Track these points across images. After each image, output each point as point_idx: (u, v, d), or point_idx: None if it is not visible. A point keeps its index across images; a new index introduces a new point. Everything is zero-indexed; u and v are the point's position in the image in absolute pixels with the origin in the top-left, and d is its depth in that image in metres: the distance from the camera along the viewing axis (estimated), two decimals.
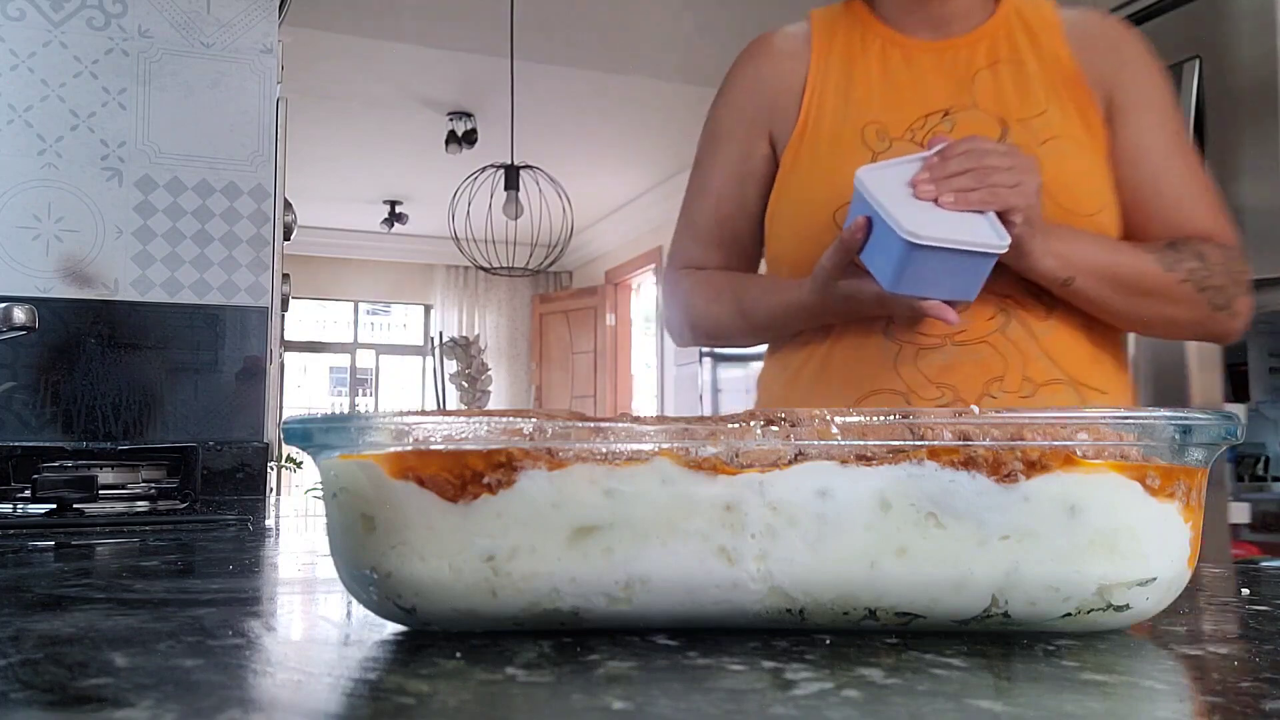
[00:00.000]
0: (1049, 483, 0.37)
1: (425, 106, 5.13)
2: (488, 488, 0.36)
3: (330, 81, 4.66)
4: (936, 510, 0.37)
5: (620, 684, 0.31)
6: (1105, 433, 0.37)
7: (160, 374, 1.37)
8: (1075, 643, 0.37)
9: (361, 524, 0.38)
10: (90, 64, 1.39)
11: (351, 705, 0.29)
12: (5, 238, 1.34)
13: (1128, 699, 0.30)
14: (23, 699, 0.28)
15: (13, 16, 1.36)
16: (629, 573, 0.37)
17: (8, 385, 1.31)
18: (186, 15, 1.43)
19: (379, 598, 0.38)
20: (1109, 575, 0.37)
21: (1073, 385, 0.94)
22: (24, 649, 0.35)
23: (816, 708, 0.28)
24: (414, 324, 8.56)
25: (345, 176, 6.32)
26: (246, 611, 0.44)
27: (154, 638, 0.37)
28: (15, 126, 1.36)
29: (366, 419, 0.38)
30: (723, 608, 0.37)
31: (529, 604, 0.37)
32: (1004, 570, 0.37)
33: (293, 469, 5.87)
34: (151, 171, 1.40)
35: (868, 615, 0.38)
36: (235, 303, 1.42)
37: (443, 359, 5.62)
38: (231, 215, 1.43)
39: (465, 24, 4.07)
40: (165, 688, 0.29)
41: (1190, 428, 0.38)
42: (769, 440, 0.37)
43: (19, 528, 0.88)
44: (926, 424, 0.37)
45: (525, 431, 0.36)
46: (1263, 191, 2.05)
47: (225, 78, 1.44)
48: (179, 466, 1.27)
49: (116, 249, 1.38)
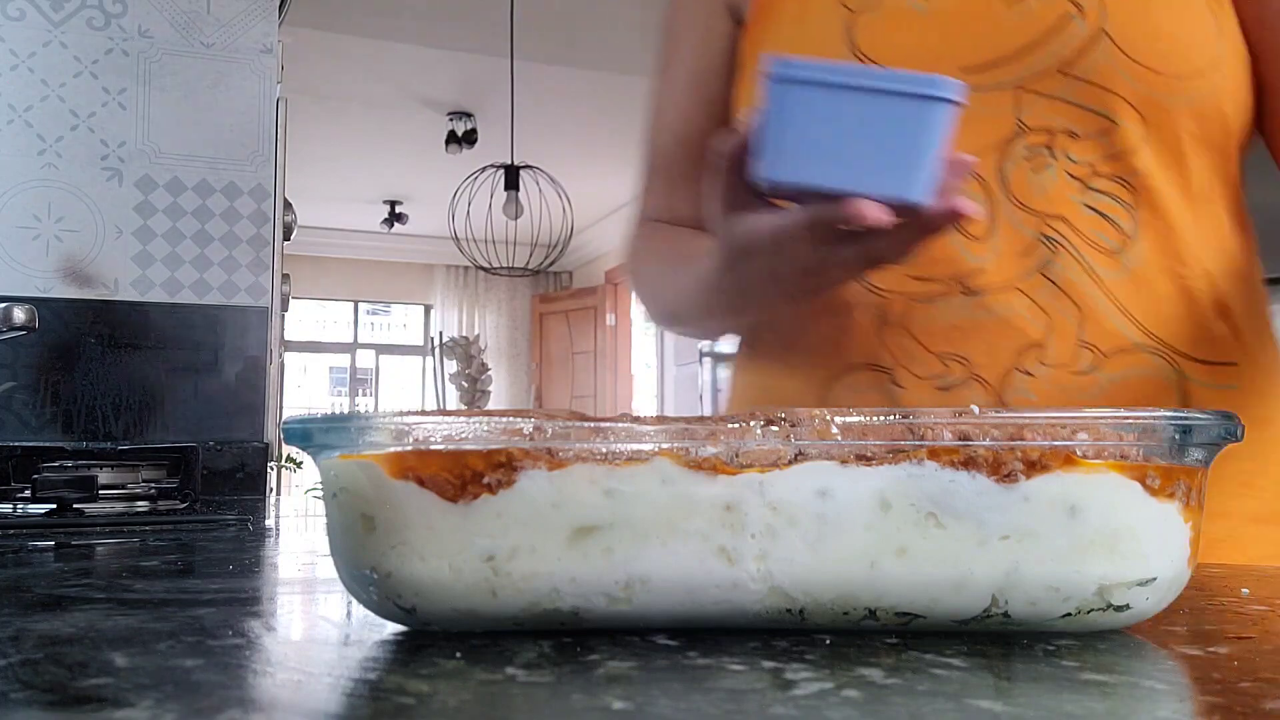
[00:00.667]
0: (1049, 483, 0.37)
1: (425, 106, 5.13)
2: (488, 488, 0.36)
3: (330, 81, 4.67)
4: (936, 510, 0.37)
5: (620, 684, 0.31)
6: (1105, 433, 0.37)
7: (160, 374, 1.37)
8: (1075, 643, 0.37)
9: (361, 524, 0.38)
10: (90, 64, 1.39)
11: (351, 705, 0.29)
12: (5, 238, 1.34)
13: (1128, 699, 0.30)
14: (23, 699, 0.28)
15: (13, 16, 1.36)
16: (629, 573, 0.37)
17: (8, 385, 1.31)
18: (186, 15, 1.43)
19: (379, 598, 0.38)
20: (1109, 575, 0.37)
21: (1166, 355, 0.66)
22: (24, 649, 0.35)
23: (816, 708, 0.28)
24: (414, 324, 8.56)
25: (345, 176, 6.32)
26: (246, 611, 0.44)
27: (154, 638, 0.37)
28: (15, 126, 1.36)
29: (366, 419, 0.38)
30: (723, 608, 0.37)
31: (529, 604, 0.37)
32: (1004, 570, 0.37)
33: (293, 469, 5.87)
34: (151, 171, 1.40)
35: (868, 615, 0.38)
36: (235, 303, 1.42)
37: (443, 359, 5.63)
38: (231, 215, 1.43)
39: (465, 24, 4.08)
40: (165, 688, 0.29)
41: (1190, 428, 0.38)
42: (769, 440, 0.37)
43: (19, 528, 0.88)
44: (926, 424, 0.37)
45: (525, 431, 0.37)
46: (1263, 191, 2.05)
47: (225, 78, 1.44)
48: (179, 466, 1.27)
49: (116, 249, 1.38)
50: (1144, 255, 0.65)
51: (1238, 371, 0.67)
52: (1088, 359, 0.65)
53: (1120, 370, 0.65)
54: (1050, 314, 0.65)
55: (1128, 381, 0.65)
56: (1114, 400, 0.65)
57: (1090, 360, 0.65)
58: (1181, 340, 0.66)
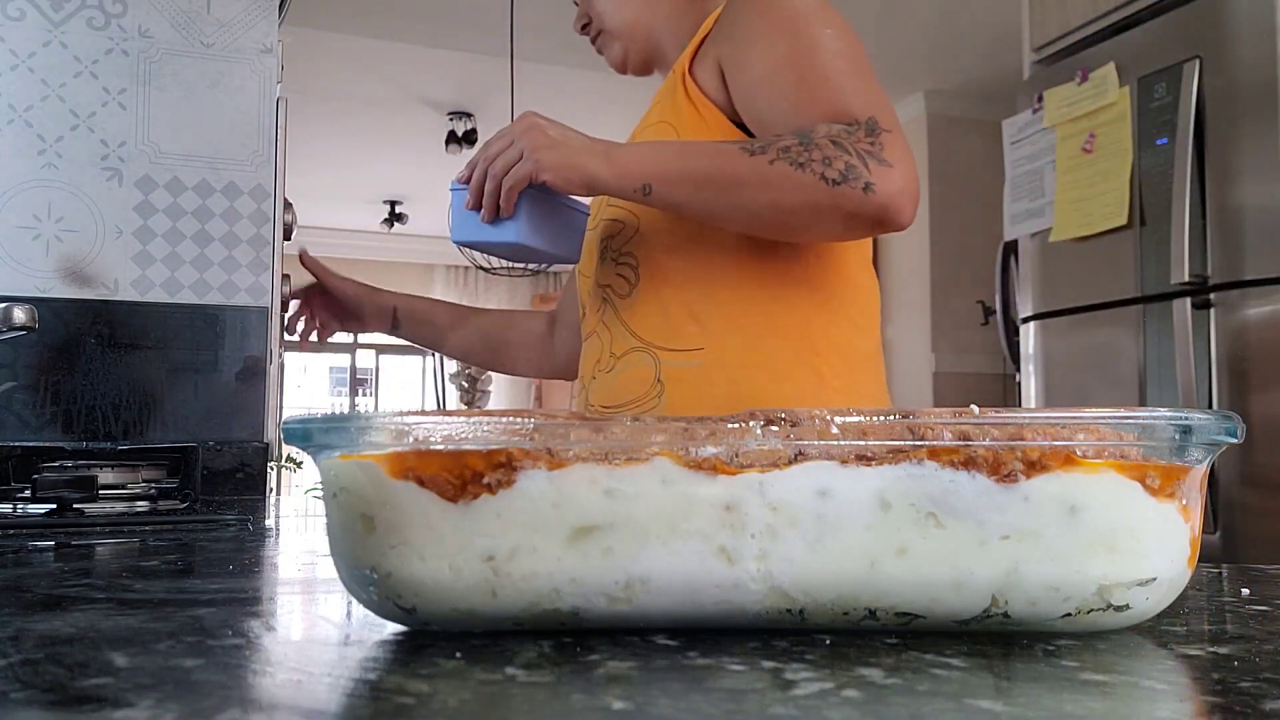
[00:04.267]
0: (1049, 482, 0.37)
1: (425, 106, 5.13)
2: (488, 488, 0.36)
3: (330, 81, 4.66)
4: (936, 510, 0.37)
5: (620, 684, 0.31)
6: (1105, 433, 0.37)
7: (160, 374, 1.37)
8: (1075, 643, 0.37)
9: (361, 524, 0.38)
10: (90, 64, 1.39)
11: (351, 705, 0.29)
12: (5, 238, 1.34)
13: (1128, 699, 0.30)
14: (23, 699, 0.28)
15: (13, 16, 1.36)
16: (629, 573, 0.37)
17: (8, 385, 1.31)
18: (186, 15, 1.43)
19: (379, 598, 0.38)
20: (1109, 575, 0.37)
21: (648, 350, 1.00)
22: (24, 649, 0.35)
23: (816, 708, 0.28)
24: None
25: (345, 176, 6.31)
26: (246, 611, 0.44)
27: (154, 638, 0.37)
28: (15, 126, 1.36)
29: (366, 419, 0.38)
30: (723, 608, 0.37)
31: (529, 604, 0.37)
32: (1004, 570, 0.37)
33: (293, 469, 5.87)
34: (151, 171, 1.40)
35: (868, 615, 0.38)
36: (235, 303, 1.42)
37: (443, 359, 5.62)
38: (231, 215, 1.43)
39: (465, 24, 4.07)
40: (165, 688, 0.29)
41: (1190, 427, 0.38)
42: (769, 440, 0.37)
43: (19, 528, 0.88)
44: (926, 424, 0.37)
45: (525, 431, 0.37)
46: (1263, 191, 2.05)
47: (225, 78, 1.44)
48: (179, 466, 1.27)
49: (116, 249, 1.38)
50: (646, 294, 1.01)
51: (711, 351, 0.98)
52: (611, 361, 1.03)
53: (625, 363, 1.01)
54: (602, 340, 1.05)
55: (630, 369, 1.01)
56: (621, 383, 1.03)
57: (612, 362, 1.03)
58: (659, 339, 1.00)
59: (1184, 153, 2.15)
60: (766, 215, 0.89)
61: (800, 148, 0.86)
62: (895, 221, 0.87)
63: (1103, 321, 2.39)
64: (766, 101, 0.94)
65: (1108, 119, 2.37)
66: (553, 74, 4.60)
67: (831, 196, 0.85)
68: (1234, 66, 2.11)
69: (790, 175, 0.86)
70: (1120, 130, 2.33)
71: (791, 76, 0.92)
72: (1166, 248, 2.18)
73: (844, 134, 0.87)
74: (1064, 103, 2.49)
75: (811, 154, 0.86)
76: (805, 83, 0.92)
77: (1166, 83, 2.23)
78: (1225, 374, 2.09)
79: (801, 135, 0.87)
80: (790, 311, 0.99)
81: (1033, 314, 2.60)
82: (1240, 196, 2.09)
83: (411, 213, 7.07)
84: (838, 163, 0.85)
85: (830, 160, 0.85)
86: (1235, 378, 2.08)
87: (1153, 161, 2.26)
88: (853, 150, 0.86)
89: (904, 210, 0.87)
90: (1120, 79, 2.35)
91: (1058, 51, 2.64)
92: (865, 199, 0.85)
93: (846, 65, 0.93)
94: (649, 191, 0.90)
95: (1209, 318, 2.13)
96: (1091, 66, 2.42)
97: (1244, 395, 2.06)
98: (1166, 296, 2.20)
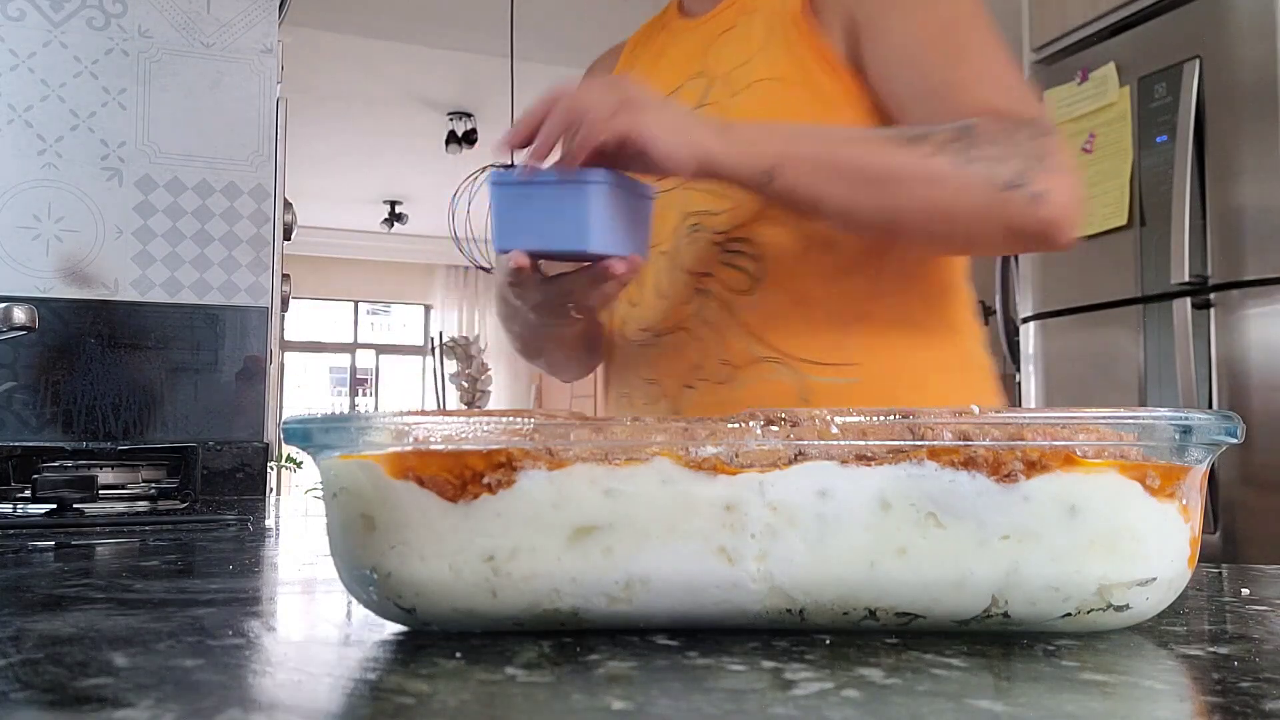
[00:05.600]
0: (1049, 482, 0.37)
1: (425, 106, 5.13)
2: (488, 488, 0.36)
3: (330, 81, 4.67)
4: (936, 510, 0.37)
5: (620, 684, 0.31)
6: (1105, 433, 0.37)
7: (160, 374, 1.37)
8: (1075, 643, 0.37)
9: (361, 524, 0.38)
10: (90, 64, 1.39)
11: (351, 705, 0.29)
12: (5, 238, 1.34)
13: (1128, 699, 0.30)
14: (23, 699, 0.28)
15: (13, 16, 1.36)
16: (629, 573, 0.37)
17: (8, 385, 1.31)
18: (186, 15, 1.43)
19: (379, 598, 0.38)
20: (1109, 575, 0.37)
21: (786, 362, 0.82)
22: (24, 649, 0.35)
23: (816, 708, 0.28)
24: (414, 324, 8.55)
25: (345, 176, 6.32)
26: (246, 611, 0.44)
27: (154, 638, 0.37)
28: (15, 126, 1.36)
29: (366, 419, 0.38)
30: (723, 608, 0.37)
31: (529, 604, 0.37)
32: (1004, 570, 0.37)
33: (293, 469, 5.87)
34: (151, 171, 1.40)
35: (868, 615, 0.38)
36: (235, 303, 1.42)
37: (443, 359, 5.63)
38: (231, 215, 1.43)
39: (465, 24, 4.08)
40: (165, 688, 0.29)
41: (1190, 428, 0.38)
42: (769, 440, 0.37)
43: (19, 528, 0.88)
44: (926, 424, 0.37)
45: (525, 431, 0.36)
46: (1263, 191, 2.05)
47: (225, 78, 1.44)
48: (179, 466, 1.27)
49: (116, 249, 1.38)
50: (772, 292, 0.83)
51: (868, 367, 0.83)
52: (727, 371, 0.84)
53: (754, 376, 0.83)
54: (704, 342, 0.85)
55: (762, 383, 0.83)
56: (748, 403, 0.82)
57: (728, 372, 0.84)
58: (800, 348, 0.83)
59: (1184, 152, 2.15)
60: (919, 219, 0.74)
61: (964, 142, 0.72)
62: (1059, 239, 0.73)
63: (1103, 321, 2.39)
64: (907, 82, 0.79)
65: (1108, 119, 2.37)
66: (553, 74, 4.59)
67: (1000, 203, 0.72)
68: (1234, 66, 2.11)
69: (955, 174, 0.72)
70: (1120, 130, 2.33)
71: (938, 55, 0.79)
72: (1166, 248, 2.18)
73: (1011, 130, 0.74)
74: (1064, 102, 2.49)
75: (983, 150, 0.72)
76: (957, 65, 0.78)
77: (1166, 82, 2.23)
78: (1225, 374, 2.09)
79: (961, 127, 0.73)
80: (940, 322, 0.87)
81: (1033, 314, 2.60)
82: (1240, 196, 2.09)
83: (411, 213, 7.07)
84: (1010, 164, 0.72)
85: (1001, 160, 0.72)
86: (1235, 378, 2.08)
87: (1153, 161, 2.26)
88: (1024, 152, 0.73)
89: (1073, 228, 0.74)
90: (1120, 79, 2.35)
91: (1057, 51, 2.63)
92: (1031, 209, 0.72)
93: (1000, 51, 0.80)
94: (773, 177, 0.72)
95: (1209, 318, 2.13)
96: (1091, 66, 2.42)
97: (1244, 395, 2.06)
98: (1166, 296, 2.20)
